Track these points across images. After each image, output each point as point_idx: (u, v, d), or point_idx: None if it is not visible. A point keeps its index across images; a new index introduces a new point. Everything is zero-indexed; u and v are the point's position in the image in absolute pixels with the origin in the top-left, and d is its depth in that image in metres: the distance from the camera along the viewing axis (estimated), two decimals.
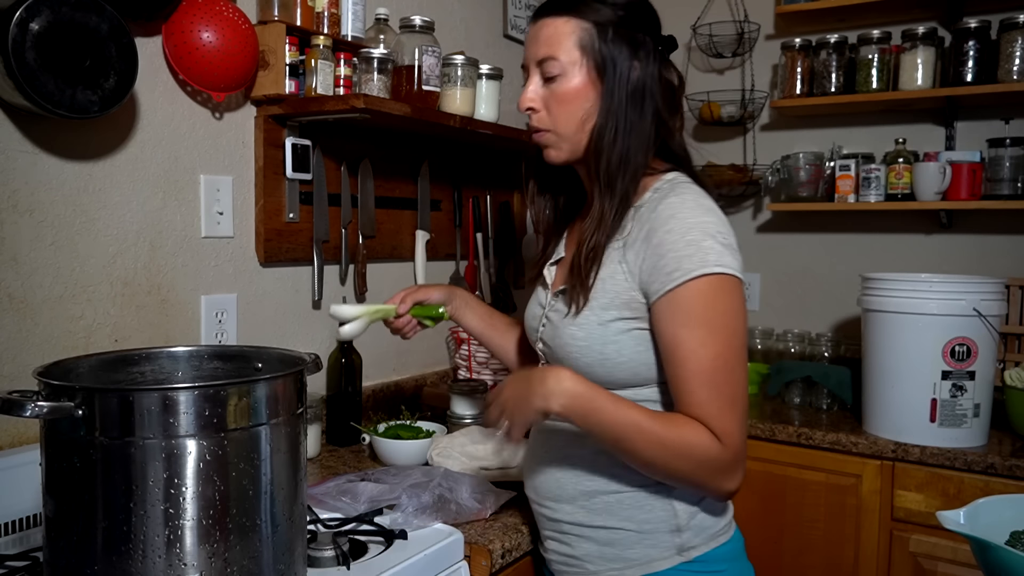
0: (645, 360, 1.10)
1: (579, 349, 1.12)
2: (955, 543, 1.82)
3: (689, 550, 1.13)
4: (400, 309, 1.34)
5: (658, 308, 1.06)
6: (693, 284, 1.03)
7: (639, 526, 1.13)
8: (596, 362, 1.11)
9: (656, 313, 1.07)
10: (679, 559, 1.12)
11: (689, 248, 1.04)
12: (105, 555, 0.86)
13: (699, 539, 1.13)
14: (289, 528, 0.97)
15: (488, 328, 1.43)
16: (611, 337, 1.10)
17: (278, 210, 1.71)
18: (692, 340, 1.04)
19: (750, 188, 2.61)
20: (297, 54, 1.62)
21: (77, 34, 1.25)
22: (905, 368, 1.92)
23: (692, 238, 1.05)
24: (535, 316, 1.25)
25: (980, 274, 2.20)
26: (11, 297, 1.28)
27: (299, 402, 1.00)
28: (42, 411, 0.85)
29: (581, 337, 1.12)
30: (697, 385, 1.04)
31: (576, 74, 1.11)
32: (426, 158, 2.12)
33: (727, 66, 2.72)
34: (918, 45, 2.26)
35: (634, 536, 1.13)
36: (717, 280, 1.04)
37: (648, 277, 1.07)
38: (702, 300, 1.04)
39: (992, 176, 2.24)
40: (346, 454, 1.72)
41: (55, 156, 1.33)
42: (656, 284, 1.06)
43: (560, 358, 1.16)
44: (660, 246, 1.06)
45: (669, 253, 1.05)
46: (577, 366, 1.12)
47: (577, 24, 1.10)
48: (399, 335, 1.39)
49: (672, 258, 1.04)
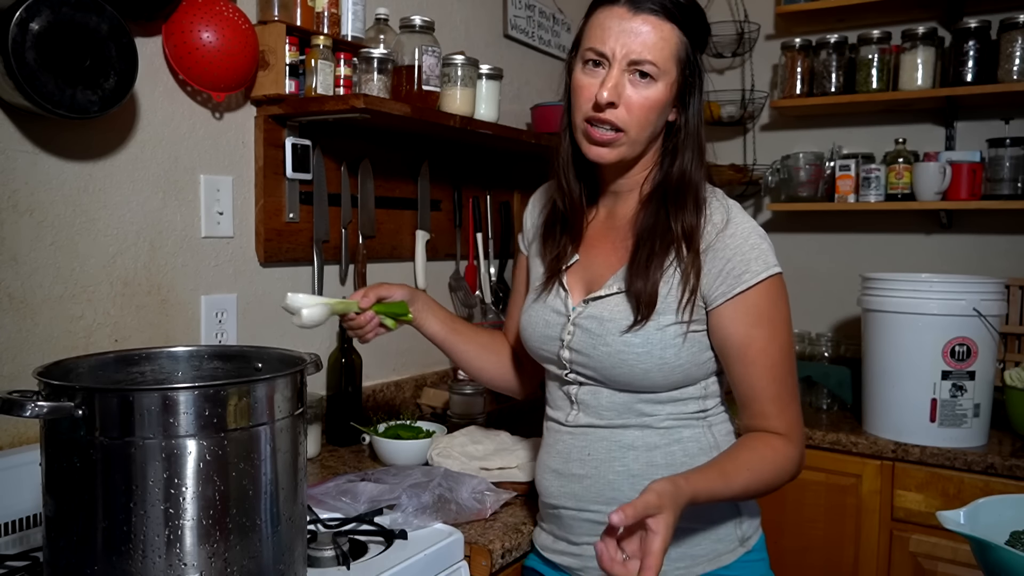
0: (698, 361, 1.13)
1: (637, 356, 1.11)
2: (955, 543, 1.82)
3: (748, 539, 1.17)
4: (363, 303, 1.25)
5: (726, 309, 1.09)
6: (761, 285, 1.08)
7: (706, 521, 1.14)
8: (654, 367, 1.11)
9: (723, 314, 1.10)
10: (742, 550, 1.16)
11: (754, 251, 1.09)
12: (105, 555, 0.86)
13: (751, 528, 1.18)
14: (289, 528, 0.97)
15: (451, 334, 1.37)
16: (669, 341, 1.11)
17: (278, 210, 1.71)
18: (762, 338, 1.09)
19: (750, 188, 2.61)
20: (297, 54, 1.62)
21: (77, 34, 1.24)
22: (905, 368, 1.92)
23: (754, 242, 1.10)
24: (550, 324, 1.21)
25: (980, 274, 2.20)
26: (11, 297, 1.28)
27: (299, 402, 1.00)
28: (42, 411, 0.85)
29: (638, 344, 1.11)
30: (768, 381, 1.10)
31: (665, 84, 1.09)
32: (426, 158, 2.11)
33: (727, 66, 2.72)
34: (918, 45, 2.26)
35: (701, 532, 1.14)
36: (778, 279, 1.10)
37: (712, 281, 1.10)
38: (769, 299, 1.09)
39: (992, 176, 2.24)
40: (346, 454, 1.72)
41: (55, 156, 1.33)
42: (724, 287, 1.09)
43: (609, 365, 1.14)
44: (724, 250, 1.09)
45: (736, 256, 1.09)
46: (633, 372, 1.12)
47: (679, 34, 1.08)
48: (358, 336, 1.29)
49: (739, 261, 1.08)
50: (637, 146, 1.12)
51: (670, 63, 1.08)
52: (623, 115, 1.09)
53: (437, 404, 2.01)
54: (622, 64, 1.08)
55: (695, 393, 1.16)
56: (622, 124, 1.09)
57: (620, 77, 1.08)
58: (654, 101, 1.09)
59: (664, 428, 1.15)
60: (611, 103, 1.08)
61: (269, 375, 0.96)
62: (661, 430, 1.15)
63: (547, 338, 1.22)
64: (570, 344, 1.18)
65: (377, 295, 1.28)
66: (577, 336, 1.17)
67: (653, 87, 1.08)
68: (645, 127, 1.10)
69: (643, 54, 1.07)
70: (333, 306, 1.23)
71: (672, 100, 1.11)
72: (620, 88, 1.08)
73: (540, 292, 1.25)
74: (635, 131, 1.10)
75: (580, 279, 1.21)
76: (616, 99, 1.08)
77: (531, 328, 1.25)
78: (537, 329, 1.23)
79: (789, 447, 1.10)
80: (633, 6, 1.07)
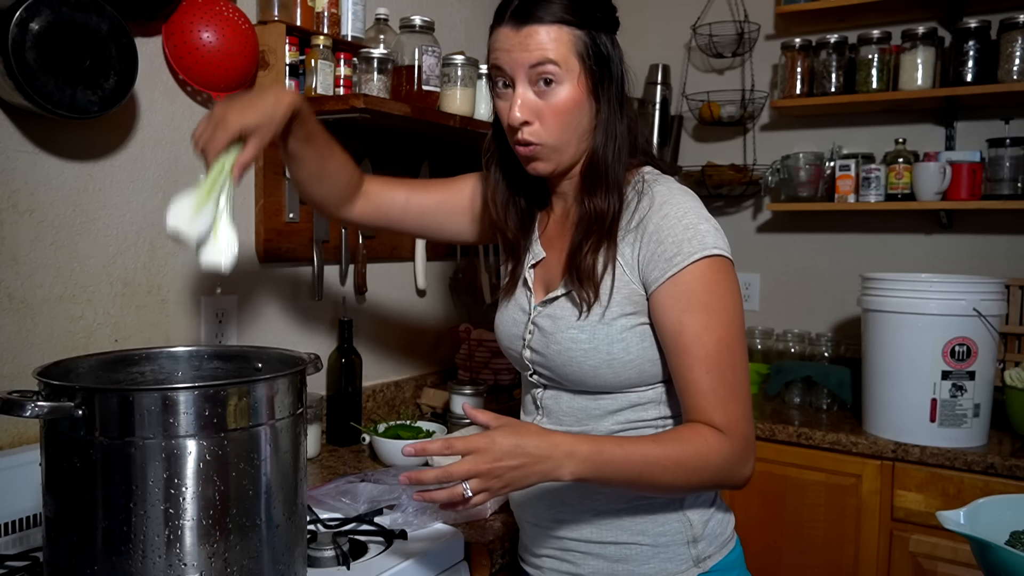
0: (651, 357, 1.08)
1: (584, 352, 1.08)
2: (955, 543, 1.82)
3: (705, 560, 1.11)
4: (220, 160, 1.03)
5: (659, 295, 1.04)
6: (694, 267, 1.02)
7: (654, 540, 1.10)
8: (603, 363, 1.08)
9: (657, 300, 1.05)
10: (697, 570, 1.10)
11: (687, 232, 1.03)
12: (105, 555, 0.86)
13: (712, 547, 1.12)
14: (289, 528, 0.97)
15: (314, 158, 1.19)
16: (616, 336, 1.07)
17: (278, 210, 1.71)
18: (695, 325, 1.02)
19: (750, 188, 2.61)
20: (297, 54, 1.63)
21: (77, 34, 1.25)
22: (905, 368, 1.92)
23: (689, 222, 1.04)
24: (517, 323, 1.19)
25: (980, 274, 2.20)
26: (11, 297, 1.28)
27: (299, 402, 1.00)
28: (42, 411, 0.85)
29: (585, 339, 1.08)
30: (701, 372, 1.02)
31: (574, 84, 1.05)
32: (426, 158, 2.11)
33: (727, 66, 2.72)
34: (918, 45, 2.26)
35: (649, 551, 1.11)
36: (717, 262, 1.03)
37: (647, 265, 1.05)
38: (703, 283, 1.03)
39: (992, 176, 2.24)
40: (346, 454, 1.72)
41: (55, 156, 1.33)
42: (657, 271, 1.04)
43: (559, 364, 1.11)
44: (657, 232, 1.05)
45: (668, 239, 1.04)
46: (582, 370, 1.09)
47: (573, 32, 1.04)
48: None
49: (671, 243, 1.03)
50: (567, 149, 1.09)
51: (571, 61, 1.04)
52: (538, 130, 1.07)
53: (437, 404, 2.01)
54: (523, 79, 1.06)
55: (655, 397, 1.11)
56: (539, 139, 1.07)
57: (526, 93, 1.06)
58: (563, 104, 1.05)
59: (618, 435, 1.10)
60: (525, 122, 1.06)
61: (269, 375, 0.96)
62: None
63: (513, 337, 1.20)
64: (530, 344, 1.16)
65: (228, 138, 1.03)
66: (536, 336, 1.15)
67: (559, 90, 1.05)
68: (565, 131, 1.07)
69: (538, 63, 1.04)
70: (209, 192, 1.00)
71: (586, 95, 1.07)
72: (528, 103, 1.06)
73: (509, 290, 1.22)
74: (555, 139, 1.07)
75: (541, 280, 1.19)
76: (529, 116, 1.06)
77: (502, 327, 1.23)
78: (507, 328, 1.21)
79: (723, 442, 1.01)
80: (517, 21, 1.05)
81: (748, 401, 1.05)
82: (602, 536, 1.12)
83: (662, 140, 2.70)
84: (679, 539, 1.11)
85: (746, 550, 1.21)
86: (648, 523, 1.10)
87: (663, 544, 1.11)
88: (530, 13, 1.04)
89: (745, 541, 1.22)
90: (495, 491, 0.94)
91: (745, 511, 1.99)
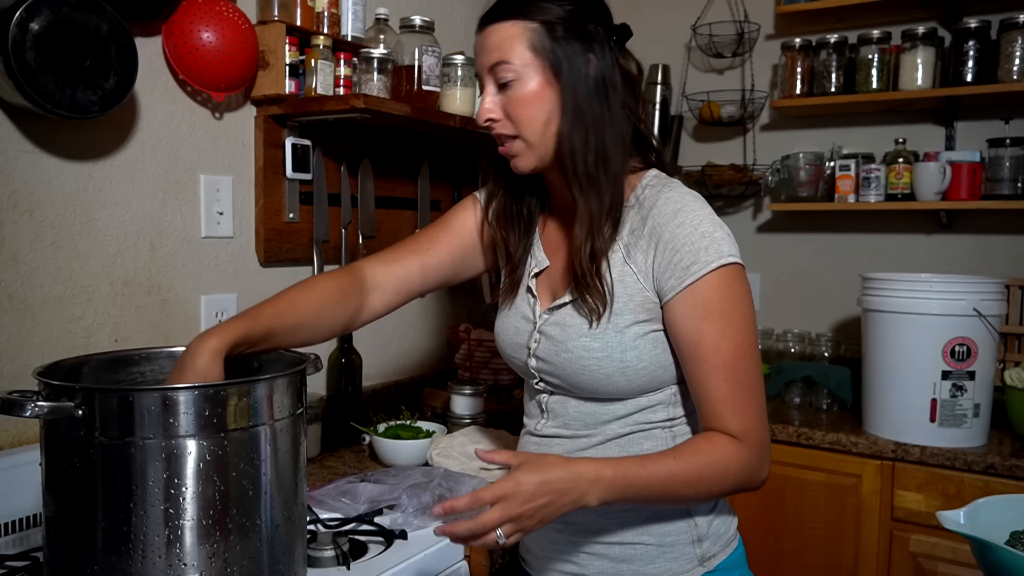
0: (663, 363, 1.08)
1: (597, 361, 1.08)
2: (955, 543, 1.82)
3: (710, 559, 1.11)
4: None
5: (676, 304, 1.04)
6: (712, 276, 1.02)
7: (659, 539, 1.10)
8: (616, 371, 1.07)
9: (674, 309, 1.05)
10: (701, 570, 1.10)
11: (704, 240, 1.03)
12: (105, 555, 0.86)
13: (717, 547, 1.12)
14: (289, 528, 0.97)
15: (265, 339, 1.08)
16: (630, 343, 1.06)
17: (278, 210, 1.71)
18: (713, 333, 1.03)
19: (750, 188, 2.61)
20: (297, 54, 1.63)
21: (77, 34, 1.25)
22: (905, 368, 1.92)
23: (705, 230, 1.04)
24: (520, 331, 1.17)
25: (980, 274, 2.20)
26: (11, 297, 1.28)
27: (299, 402, 1.00)
28: (42, 411, 0.85)
29: (597, 348, 1.07)
30: (720, 380, 1.03)
31: (532, 77, 1.05)
32: (426, 158, 2.12)
33: (727, 66, 2.72)
34: (918, 45, 2.26)
35: (654, 551, 1.10)
36: (732, 269, 1.04)
37: (663, 274, 1.05)
38: (720, 292, 1.03)
39: (992, 176, 2.24)
40: (346, 454, 1.72)
41: (55, 156, 1.33)
42: (673, 280, 1.04)
43: (570, 372, 1.10)
44: (673, 241, 1.04)
45: (684, 247, 1.03)
46: (595, 378, 1.08)
47: (525, 26, 1.05)
48: None
49: (688, 252, 1.03)
50: (541, 143, 1.08)
51: (526, 55, 1.05)
52: (506, 124, 1.09)
53: (437, 404, 2.01)
54: (490, 80, 1.09)
55: (664, 399, 1.10)
56: (508, 131, 1.09)
57: (492, 93, 1.09)
58: (521, 98, 1.06)
59: (625, 438, 1.11)
60: (490, 119, 1.09)
61: (269, 375, 0.96)
62: (622, 441, 1.11)
63: (517, 346, 1.18)
64: (536, 352, 1.14)
65: None
66: (543, 344, 1.13)
67: (517, 86, 1.06)
68: (531, 124, 1.07)
69: (492, 58, 1.07)
70: None
71: (546, 86, 1.06)
72: (495, 102, 1.08)
73: (509, 296, 1.21)
74: (526, 132, 1.08)
75: (546, 286, 1.17)
76: (494, 114, 1.08)
77: (503, 335, 1.21)
78: (508, 336, 1.20)
79: (741, 450, 1.02)
80: (480, 24, 1.09)
81: (763, 405, 1.07)
82: (607, 536, 1.12)
83: (662, 140, 2.70)
84: (684, 539, 1.11)
85: (746, 550, 1.21)
86: (653, 523, 1.10)
87: (668, 544, 1.10)
88: (489, 15, 1.09)
89: (745, 541, 1.22)
90: (529, 530, 0.95)
91: (745, 511, 1.99)
